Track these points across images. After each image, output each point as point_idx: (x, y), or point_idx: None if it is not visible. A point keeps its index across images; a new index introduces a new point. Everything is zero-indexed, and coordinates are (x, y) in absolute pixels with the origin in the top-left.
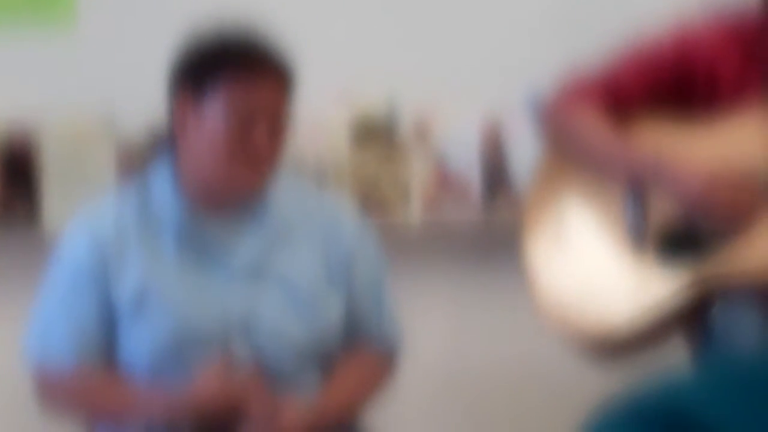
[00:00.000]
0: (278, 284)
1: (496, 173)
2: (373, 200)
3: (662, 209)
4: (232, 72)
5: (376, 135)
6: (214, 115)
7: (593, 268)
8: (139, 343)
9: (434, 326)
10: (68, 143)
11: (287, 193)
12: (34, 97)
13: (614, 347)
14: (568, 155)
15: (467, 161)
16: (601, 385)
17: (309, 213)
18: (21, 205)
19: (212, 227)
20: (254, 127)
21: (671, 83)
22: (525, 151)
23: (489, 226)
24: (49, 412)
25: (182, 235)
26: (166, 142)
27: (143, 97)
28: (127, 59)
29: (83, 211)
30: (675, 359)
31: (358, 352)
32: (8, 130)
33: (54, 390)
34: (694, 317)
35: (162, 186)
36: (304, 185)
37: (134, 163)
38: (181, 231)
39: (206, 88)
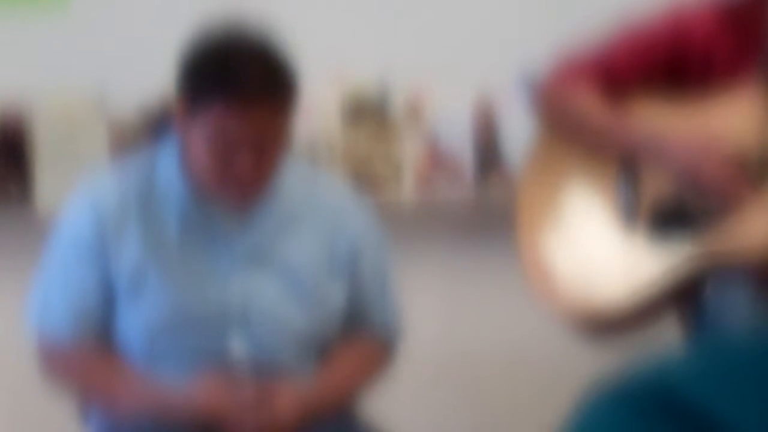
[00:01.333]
0: (279, 272)
1: (488, 151)
2: (365, 179)
3: (655, 188)
4: (220, 92)
5: (369, 114)
6: (200, 134)
7: (586, 246)
8: (135, 323)
9: (426, 304)
10: (61, 123)
11: (294, 181)
12: (26, 78)
13: (607, 325)
14: (562, 134)
15: (460, 140)
16: (594, 365)
17: (315, 201)
18: (14, 185)
19: (216, 212)
20: (237, 153)
21: (665, 63)
22: (517, 130)
23: (481, 204)
24: (50, 385)
25: (185, 218)
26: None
27: (135, 77)
28: (119, 40)
29: (86, 184)
30: (668, 339)
31: (357, 340)
32: (1, 110)
33: (52, 361)
34: (686, 296)
35: (168, 167)
36: (312, 173)
37: (126, 142)
38: (185, 213)
39: (197, 104)
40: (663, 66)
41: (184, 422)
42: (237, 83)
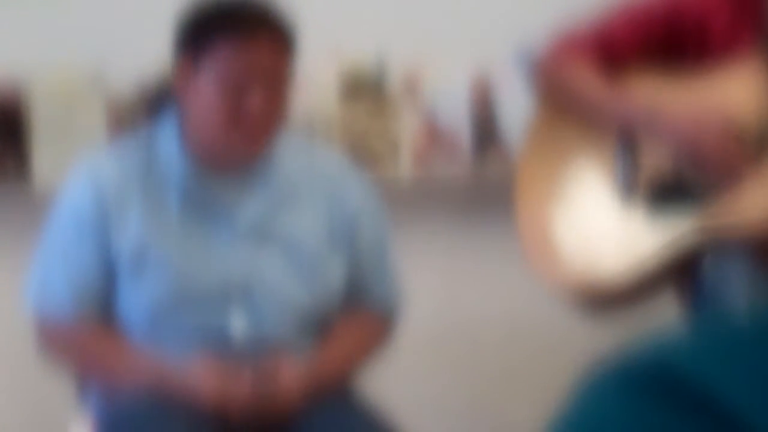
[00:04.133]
0: (281, 246)
1: (485, 127)
2: (362, 155)
3: (653, 161)
4: (225, 36)
5: (366, 89)
6: (208, 80)
7: (585, 220)
8: (137, 300)
9: (425, 280)
10: (58, 100)
11: (293, 154)
12: (24, 54)
13: (605, 299)
14: (559, 108)
15: (457, 115)
16: (592, 339)
17: (315, 174)
18: (11, 161)
19: (217, 187)
20: (248, 93)
21: (662, 37)
22: (515, 105)
23: (479, 180)
24: (48, 362)
25: (186, 194)
26: (172, 100)
27: (133, 54)
28: (117, 16)
29: (87, 161)
30: (666, 314)
31: (357, 314)
32: None
33: (51, 338)
34: (685, 270)
35: (168, 143)
36: (311, 146)
37: (124, 119)
38: (186, 190)
39: (202, 53)
40: (660, 40)
41: (184, 400)
42: (242, 22)
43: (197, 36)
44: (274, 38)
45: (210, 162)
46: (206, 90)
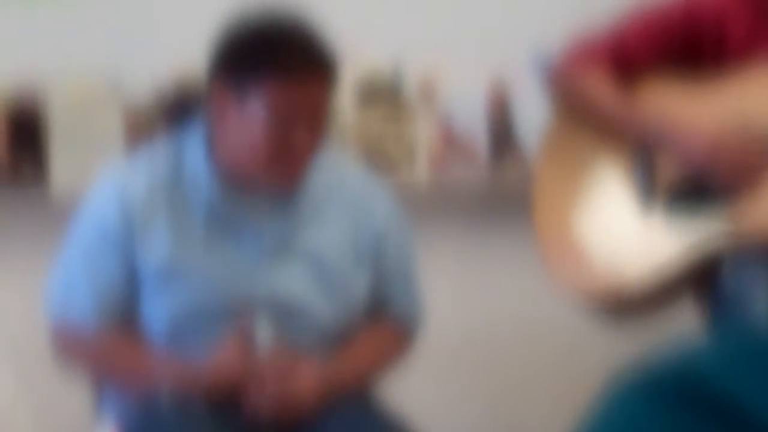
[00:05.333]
0: (306, 262)
1: (502, 132)
2: (379, 160)
3: (671, 168)
4: (275, 73)
5: (382, 94)
6: (255, 114)
7: (603, 226)
8: (161, 313)
9: (440, 286)
10: (76, 106)
11: (320, 169)
12: (41, 61)
13: (624, 305)
14: (575, 116)
15: (473, 120)
16: (609, 345)
17: (341, 190)
18: (29, 168)
19: (243, 204)
20: (295, 128)
21: (679, 43)
22: (531, 110)
23: (495, 185)
24: (66, 368)
25: (212, 210)
26: (193, 110)
27: (150, 60)
28: (134, 23)
29: (112, 172)
30: (685, 320)
31: (379, 324)
32: (16, 93)
33: (71, 346)
34: (704, 276)
35: (195, 158)
36: (337, 161)
37: (141, 126)
38: (212, 206)
39: (249, 86)
40: (677, 46)
41: (202, 399)
42: (289, 58)
43: (240, 66)
44: (320, 73)
45: (239, 185)
46: (251, 124)
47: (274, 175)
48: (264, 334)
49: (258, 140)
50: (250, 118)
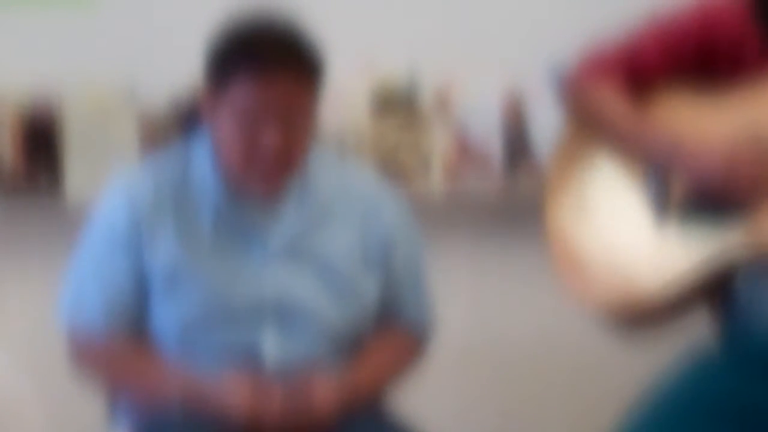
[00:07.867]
0: (314, 265)
1: (517, 142)
2: (393, 169)
3: (685, 180)
4: (246, 69)
5: (397, 104)
6: (226, 113)
7: (617, 238)
8: (169, 318)
9: (455, 295)
10: (91, 114)
11: (327, 173)
12: (57, 69)
13: (637, 318)
14: (588, 129)
15: (488, 130)
16: (623, 357)
17: (349, 193)
18: (44, 175)
19: (250, 207)
20: (264, 130)
21: (694, 56)
22: (546, 120)
23: (510, 195)
24: (80, 376)
25: (219, 214)
26: (202, 120)
27: (165, 69)
28: (149, 31)
29: (121, 178)
30: (698, 333)
31: (390, 332)
32: (31, 101)
33: (84, 354)
34: (717, 289)
35: (201, 162)
36: (345, 165)
37: (156, 134)
38: (219, 209)
39: (224, 83)
40: (691, 59)
41: (216, 416)
42: (261, 55)
43: (222, 64)
44: (296, 71)
45: (239, 187)
46: (225, 123)
47: (249, 178)
48: (272, 347)
49: (229, 140)
50: (224, 116)
